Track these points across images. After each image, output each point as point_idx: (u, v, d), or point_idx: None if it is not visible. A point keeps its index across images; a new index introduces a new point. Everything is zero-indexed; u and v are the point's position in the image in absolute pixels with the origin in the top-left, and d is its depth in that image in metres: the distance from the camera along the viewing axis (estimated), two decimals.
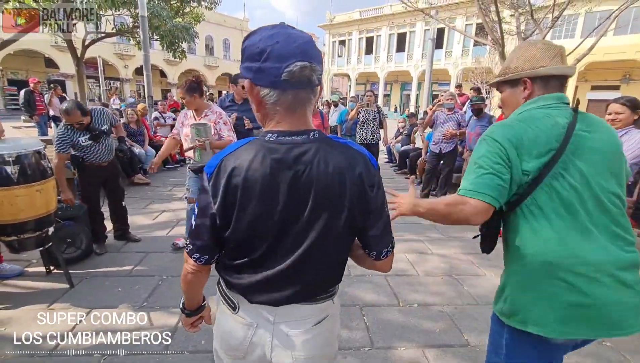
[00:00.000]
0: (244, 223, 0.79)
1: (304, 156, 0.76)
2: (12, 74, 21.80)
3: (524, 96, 1.11)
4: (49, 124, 8.49)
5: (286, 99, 0.75)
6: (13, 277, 2.60)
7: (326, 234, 0.81)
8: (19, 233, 2.25)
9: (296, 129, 0.78)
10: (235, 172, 0.76)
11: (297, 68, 0.71)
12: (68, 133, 2.78)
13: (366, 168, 0.81)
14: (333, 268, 0.89)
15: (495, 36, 7.22)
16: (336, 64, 31.21)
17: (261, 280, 0.83)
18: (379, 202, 0.84)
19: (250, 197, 0.76)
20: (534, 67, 1.07)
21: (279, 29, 0.74)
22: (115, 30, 10.92)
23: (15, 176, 2.14)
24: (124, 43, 23.08)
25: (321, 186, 0.77)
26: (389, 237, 0.90)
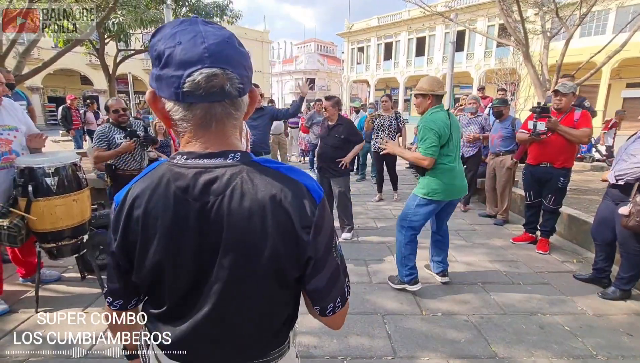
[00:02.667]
0: (147, 265, 0.63)
1: (213, 185, 0.60)
2: (52, 92, 23.45)
3: (428, 103, 2.56)
4: (84, 137, 9.03)
5: (194, 114, 0.59)
6: (52, 282, 2.77)
7: (247, 285, 0.63)
8: (58, 241, 2.40)
9: (209, 150, 0.62)
10: (137, 203, 0.62)
11: (203, 77, 0.54)
12: (106, 131, 3.06)
13: (299, 204, 0.61)
14: (265, 326, 0.69)
15: (518, 36, 7.00)
16: (355, 71, 31.31)
17: (179, 340, 0.67)
18: (321, 248, 0.64)
19: (152, 234, 0.61)
20: (433, 90, 2.53)
21: (185, 26, 0.57)
22: (144, 47, 11.52)
23: (55, 187, 2.29)
24: None
25: (233, 226, 0.59)
26: (337, 291, 0.70)
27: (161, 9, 8.77)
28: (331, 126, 3.77)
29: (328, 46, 51.33)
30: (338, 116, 3.77)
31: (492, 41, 21.12)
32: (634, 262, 2.52)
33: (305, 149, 8.32)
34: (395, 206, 5.24)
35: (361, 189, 6.26)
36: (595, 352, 2.05)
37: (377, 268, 3.13)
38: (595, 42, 13.81)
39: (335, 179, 3.76)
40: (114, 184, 3.23)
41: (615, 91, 18.72)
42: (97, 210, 3.10)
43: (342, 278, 0.71)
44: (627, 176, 2.43)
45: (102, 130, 3.09)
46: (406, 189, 6.36)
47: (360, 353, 2.03)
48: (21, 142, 2.42)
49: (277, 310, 0.70)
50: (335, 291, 0.70)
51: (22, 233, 2.20)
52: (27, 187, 2.19)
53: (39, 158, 2.36)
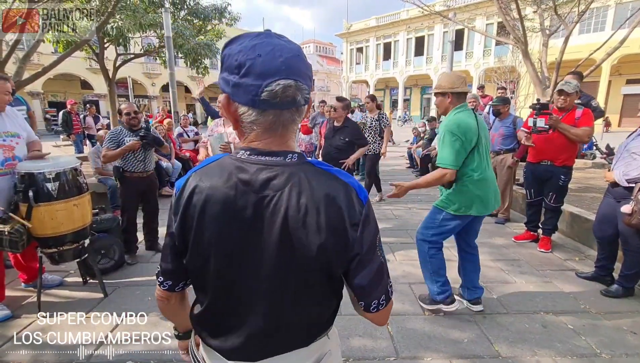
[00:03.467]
0: (201, 249, 0.68)
1: (274, 180, 0.65)
2: (52, 97, 23.54)
3: (448, 102, 2.20)
4: (84, 142, 9.04)
5: (266, 119, 0.65)
6: (54, 287, 2.77)
7: (296, 276, 0.67)
8: (59, 246, 2.40)
9: (271, 149, 0.67)
10: (197, 189, 0.67)
11: (280, 88, 0.60)
12: (117, 133, 3.12)
13: (349, 201, 0.66)
14: (313, 317, 0.73)
15: (517, 34, 6.99)
16: (354, 71, 31.34)
17: (230, 331, 0.71)
18: (366, 244, 0.68)
19: (209, 220, 0.66)
20: (453, 87, 2.17)
21: (263, 39, 0.63)
22: (143, 51, 11.55)
23: (55, 192, 2.30)
24: (151, 62, 24.31)
25: (290, 219, 0.63)
26: (382, 288, 0.73)
27: (160, 13, 8.80)
28: (337, 127, 3.78)
29: (327, 47, 51.40)
30: (345, 118, 3.77)
31: (491, 40, 21.13)
32: (637, 259, 2.51)
33: (306, 150, 8.32)
34: (396, 206, 5.23)
35: None
36: (599, 351, 2.04)
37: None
38: (595, 38, 13.79)
39: None
40: (121, 186, 3.26)
41: (616, 87, 18.70)
42: (98, 214, 3.12)
43: (386, 278, 0.74)
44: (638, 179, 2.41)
45: (114, 131, 3.17)
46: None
47: (363, 354, 2.02)
48: (23, 148, 2.43)
49: (325, 302, 0.74)
50: (380, 288, 0.73)
51: (23, 238, 2.20)
52: (28, 193, 2.19)
53: (40, 163, 2.37)
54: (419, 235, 2.38)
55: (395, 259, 3.32)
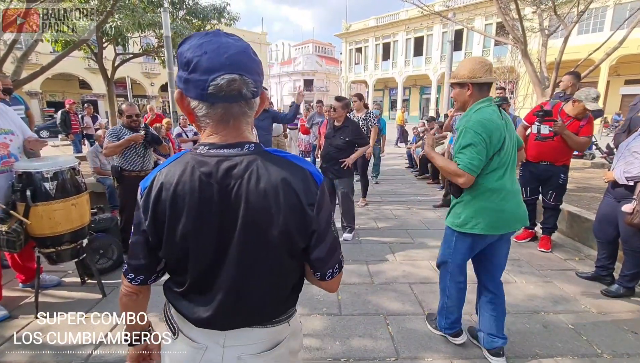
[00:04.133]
0: (175, 241, 0.73)
1: (234, 170, 0.70)
2: (51, 97, 23.47)
3: (467, 95, 1.81)
4: (82, 141, 9.01)
5: (216, 112, 0.70)
6: (52, 287, 2.75)
7: (261, 256, 0.74)
8: (57, 245, 2.38)
9: (228, 142, 0.72)
10: (164, 186, 0.72)
11: (225, 81, 0.66)
12: (117, 130, 3.18)
13: (305, 184, 0.73)
14: (277, 293, 0.81)
15: (516, 35, 7.00)
16: (353, 72, 31.34)
17: (203, 304, 0.77)
18: (322, 223, 0.76)
19: (179, 213, 0.71)
20: (474, 77, 1.76)
21: (210, 37, 0.69)
22: (142, 51, 11.52)
23: (53, 191, 2.28)
24: (150, 62, 24.26)
25: (251, 204, 0.70)
26: (336, 258, 0.83)
27: (159, 13, 8.77)
28: (337, 127, 3.76)
29: (326, 47, 51.40)
30: (345, 118, 3.75)
31: (490, 40, 21.15)
32: (637, 259, 2.51)
33: (305, 150, 8.30)
34: (396, 206, 5.22)
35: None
36: (600, 351, 2.03)
37: (378, 269, 3.11)
38: (593, 39, 13.83)
39: (339, 180, 3.74)
40: (120, 185, 3.26)
41: (614, 87, 18.73)
42: (97, 214, 3.10)
43: (339, 249, 0.84)
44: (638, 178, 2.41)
45: (114, 129, 3.21)
46: (406, 189, 6.36)
47: (363, 354, 2.01)
48: (18, 146, 2.41)
49: (287, 278, 0.81)
50: (333, 259, 0.82)
51: (20, 238, 2.18)
52: (26, 192, 2.18)
53: (37, 162, 2.35)
54: (438, 259, 2.09)
55: (395, 259, 3.31)
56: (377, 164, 6.93)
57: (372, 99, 29.10)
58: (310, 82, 41.89)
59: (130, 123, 3.18)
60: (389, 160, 9.43)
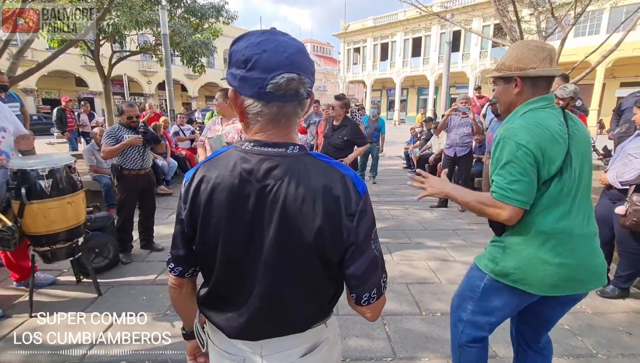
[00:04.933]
0: (208, 234, 0.72)
1: (274, 170, 0.69)
2: (46, 94, 23.28)
3: (515, 93, 1.25)
4: (79, 139, 8.95)
5: (270, 111, 0.69)
6: (47, 286, 2.72)
7: (294, 262, 0.71)
8: (52, 244, 2.36)
9: (274, 141, 0.71)
10: (205, 179, 0.72)
11: (284, 80, 0.64)
12: (115, 130, 3.15)
13: (346, 193, 0.69)
14: (312, 302, 0.76)
15: (514, 36, 7.04)
16: (351, 72, 31.35)
17: (236, 312, 0.75)
18: (361, 235, 0.71)
19: (215, 206, 0.71)
20: (525, 68, 1.20)
21: (268, 36, 0.67)
22: (139, 49, 11.45)
23: (49, 189, 2.25)
24: (147, 60, 24.14)
25: (288, 207, 0.67)
26: (375, 280, 0.75)
27: (156, 10, 8.72)
28: (336, 126, 3.76)
29: (324, 47, 51.42)
30: (344, 117, 3.75)
31: (488, 41, 21.25)
32: (632, 260, 2.53)
33: None
34: (394, 206, 5.23)
35: None
36: (596, 351, 2.05)
37: None
38: (590, 41, 13.95)
39: None
40: (119, 183, 3.24)
41: (610, 90, 18.89)
42: (93, 212, 3.07)
43: (380, 272, 0.76)
44: (633, 183, 2.42)
45: (112, 129, 3.19)
46: (404, 189, 6.36)
47: (360, 355, 2.01)
48: (10, 143, 2.38)
49: (322, 287, 0.76)
50: (372, 281, 0.74)
51: (15, 236, 2.15)
52: (21, 190, 2.15)
53: (33, 160, 2.33)
54: (453, 308, 1.48)
55: (393, 259, 3.32)
56: (375, 164, 6.94)
57: (370, 99, 29.13)
58: None
59: (129, 123, 3.18)
60: (387, 160, 9.45)
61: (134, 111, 3.22)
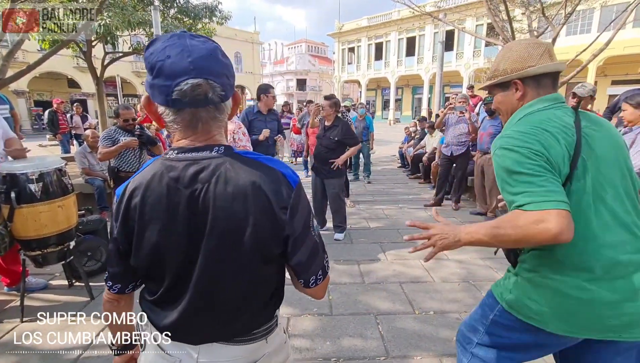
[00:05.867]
0: (145, 248, 0.71)
1: (201, 174, 0.68)
2: (38, 96, 23.00)
3: (517, 98, 1.08)
4: (71, 142, 8.87)
5: (183, 118, 0.68)
6: (38, 290, 2.70)
7: (232, 262, 0.70)
8: (43, 248, 2.34)
9: (196, 145, 0.70)
10: (135, 193, 0.70)
11: (189, 87, 0.63)
12: (112, 133, 3.20)
13: (277, 187, 0.69)
14: (252, 302, 0.76)
15: (506, 36, 7.10)
16: (346, 71, 31.41)
17: (175, 315, 0.74)
18: (298, 226, 0.72)
19: (148, 220, 0.70)
20: (523, 68, 1.05)
21: (175, 40, 0.65)
22: (132, 50, 11.37)
23: (39, 193, 2.24)
24: (140, 61, 23.92)
25: (219, 208, 0.67)
26: (319, 263, 0.78)
27: (149, 11, 8.66)
28: (327, 126, 3.76)
29: (319, 47, 51.42)
30: (335, 117, 3.75)
31: (481, 40, 21.38)
32: None
33: (298, 149, 8.30)
34: (388, 206, 5.25)
35: (353, 189, 6.25)
36: None
37: (369, 268, 3.13)
38: (581, 40, 14.09)
39: (329, 180, 3.75)
40: (115, 186, 3.28)
41: (601, 88, 19.10)
42: (85, 216, 3.05)
43: (322, 254, 0.80)
44: None
45: (108, 132, 3.26)
46: (398, 189, 6.39)
47: (353, 354, 2.02)
48: None
49: (263, 285, 0.77)
50: (316, 265, 0.78)
51: (5, 241, 2.14)
52: (10, 194, 2.13)
53: (22, 163, 2.31)
54: (459, 333, 1.32)
55: (386, 259, 3.33)
56: (368, 163, 6.96)
57: (365, 98, 29.20)
58: (303, 82, 41.84)
59: (126, 126, 3.21)
60: (381, 160, 9.48)
61: (130, 113, 3.24)
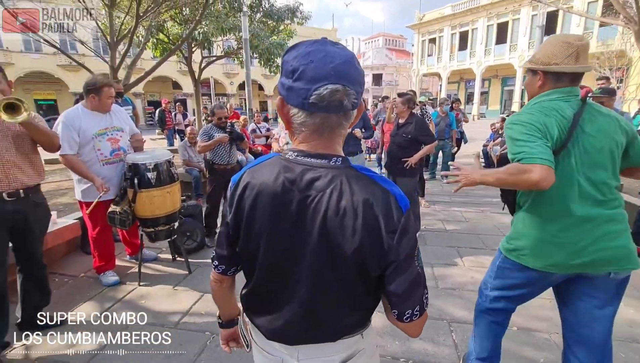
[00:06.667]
0: (250, 239, 0.75)
1: (317, 181, 0.69)
2: (150, 96, 27.18)
3: (538, 85, 1.35)
4: (174, 136, 10.28)
5: (314, 121, 0.69)
6: (150, 261, 3.25)
7: (331, 273, 0.71)
8: (155, 226, 2.81)
9: (317, 152, 0.71)
10: (250, 185, 0.74)
11: (328, 91, 0.64)
12: (208, 129, 3.67)
13: (388, 209, 0.68)
14: (349, 313, 0.77)
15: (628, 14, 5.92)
16: (426, 64, 29.80)
17: (274, 315, 0.78)
18: (403, 253, 0.69)
19: (257, 213, 0.73)
20: (548, 63, 1.30)
21: (317, 46, 0.67)
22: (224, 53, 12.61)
23: (153, 180, 2.68)
24: (230, 63, 26.38)
25: (329, 220, 0.68)
26: (417, 298, 0.73)
27: (238, 17, 9.50)
28: (400, 124, 3.69)
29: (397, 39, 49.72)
30: (409, 114, 3.65)
31: (593, 22, 18.15)
32: None
33: (372, 146, 8.23)
34: (467, 208, 4.90)
35: (429, 188, 5.97)
36: None
37: (444, 273, 2.99)
38: None
39: (401, 179, 3.67)
40: (210, 176, 3.80)
41: None
42: (185, 201, 3.55)
43: (422, 288, 0.74)
44: None
45: (205, 129, 3.72)
46: (479, 190, 5.89)
47: (423, 358, 1.98)
48: (126, 140, 2.87)
49: (359, 299, 0.76)
50: (414, 298, 0.73)
51: (129, 218, 2.62)
52: (134, 180, 2.61)
53: (142, 155, 2.79)
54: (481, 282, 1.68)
55: (464, 264, 3.14)
56: (434, 162, 6.61)
57: (446, 92, 27.35)
58: (379, 77, 41.04)
59: (219, 123, 3.63)
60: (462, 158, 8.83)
61: (223, 112, 3.67)
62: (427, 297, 0.76)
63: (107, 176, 2.65)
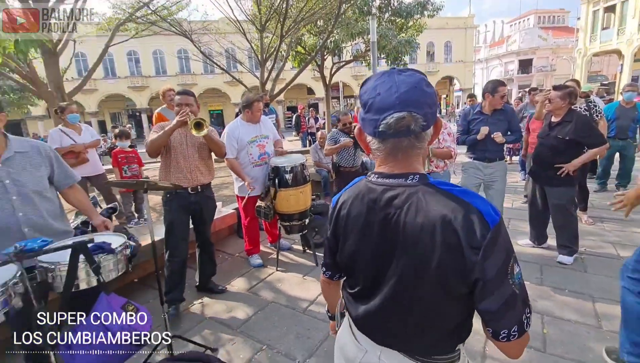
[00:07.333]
0: (346, 253, 0.85)
1: (395, 200, 0.74)
2: (289, 102, 30.91)
3: None
4: (308, 138, 11.40)
5: (386, 147, 0.76)
6: (285, 250, 3.74)
7: (414, 288, 0.73)
8: (290, 221, 3.23)
9: (394, 172, 0.77)
10: (344, 205, 0.84)
11: (394, 120, 0.70)
12: (334, 134, 3.98)
13: (469, 224, 0.66)
14: (431, 331, 0.77)
15: None
16: (598, 40, 23.51)
17: (362, 314, 0.84)
18: (491, 271, 0.66)
19: (350, 230, 0.82)
20: None
21: (385, 78, 0.73)
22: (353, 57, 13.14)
23: (290, 181, 3.08)
24: (357, 66, 27.23)
25: (407, 236, 0.71)
26: (513, 318, 0.69)
27: (367, 20, 9.71)
28: (554, 123, 3.02)
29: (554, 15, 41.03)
30: (568, 111, 2.98)
31: None
32: None
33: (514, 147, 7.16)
34: None
35: (596, 201, 4.70)
36: None
37: (610, 311, 2.36)
38: None
39: (552, 189, 3.05)
40: (336, 178, 4.15)
41: None
42: (314, 200, 3.92)
43: (520, 308, 0.70)
44: None
45: (332, 133, 4.05)
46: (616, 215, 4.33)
47: None
48: (270, 146, 3.37)
49: (443, 316, 0.76)
50: (510, 318, 0.70)
51: (272, 212, 3.10)
52: (275, 180, 3.06)
53: (281, 159, 3.23)
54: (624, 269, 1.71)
55: None
56: (629, 168, 5.04)
57: (630, 75, 20.99)
58: (528, 63, 34.80)
59: (344, 129, 3.89)
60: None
61: (347, 118, 3.92)
62: (529, 317, 0.71)
63: (255, 176, 3.19)
